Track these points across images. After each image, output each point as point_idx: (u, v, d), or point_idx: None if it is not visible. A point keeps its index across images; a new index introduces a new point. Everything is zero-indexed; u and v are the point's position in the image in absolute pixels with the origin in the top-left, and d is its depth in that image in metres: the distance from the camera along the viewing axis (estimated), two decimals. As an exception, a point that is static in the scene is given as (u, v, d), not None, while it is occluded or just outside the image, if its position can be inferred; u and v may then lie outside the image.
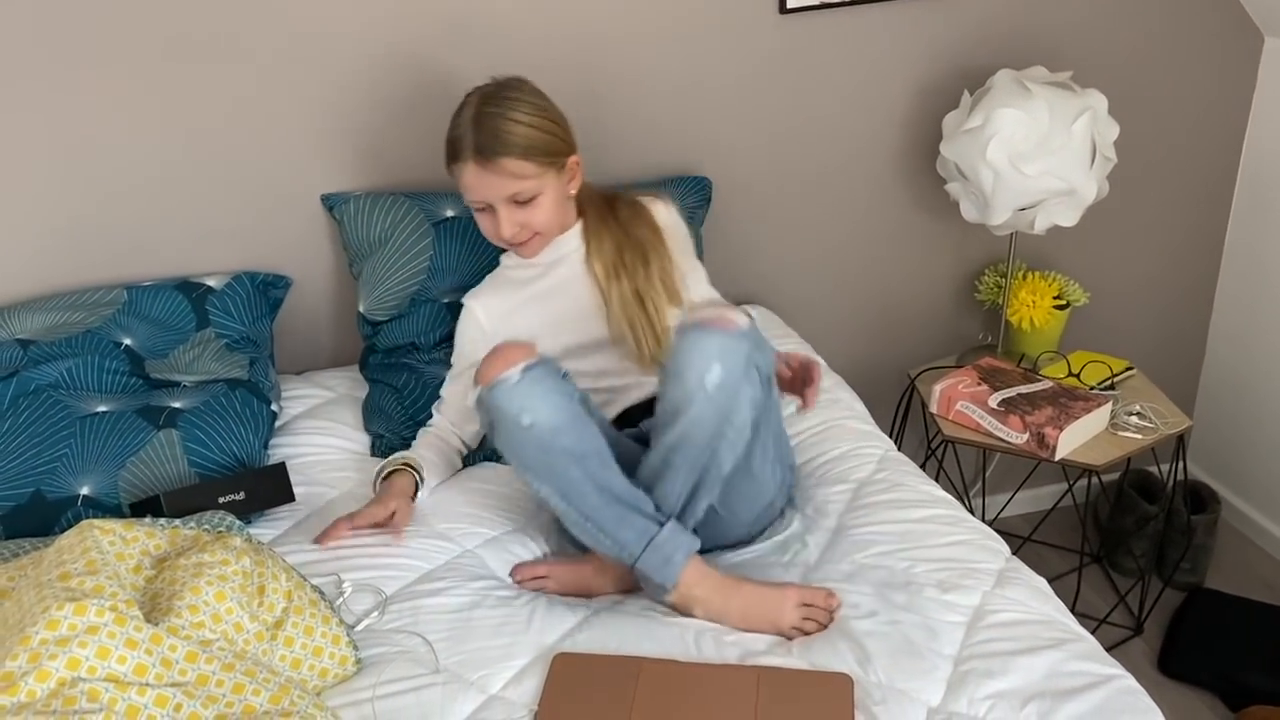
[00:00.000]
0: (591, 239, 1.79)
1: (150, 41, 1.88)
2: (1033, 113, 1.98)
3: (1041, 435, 2.04)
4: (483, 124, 1.66)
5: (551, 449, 1.47)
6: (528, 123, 1.67)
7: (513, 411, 1.46)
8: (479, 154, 1.66)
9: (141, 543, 1.36)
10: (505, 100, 1.68)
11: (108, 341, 1.87)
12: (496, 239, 1.76)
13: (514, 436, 1.47)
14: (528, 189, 1.69)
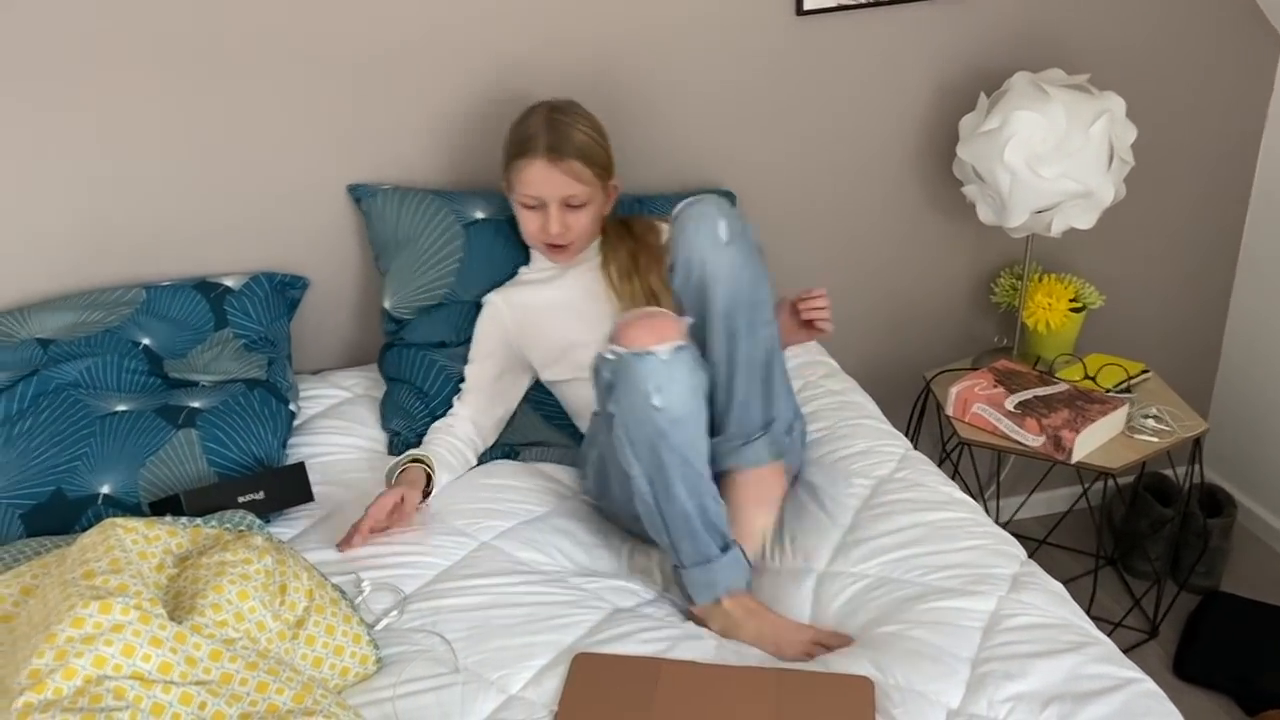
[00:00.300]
0: (608, 249, 1.91)
1: (170, 40, 1.89)
2: (1050, 115, 1.98)
3: (1058, 438, 2.04)
4: (555, 127, 1.80)
5: (666, 436, 1.46)
6: (591, 135, 1.83)
7: (648, 387, 1.44)
8: (551, 151, 1.78)
9: (164, 541, 1.37)
10: (572, 112, 1.84)
11: (127, 341, 1.88)
12: (539, 235, 1.85)
13: (636, 410, 1.46)
14: (581, 194, 1.81)
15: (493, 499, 1.74)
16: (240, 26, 1.91)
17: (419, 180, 2.08)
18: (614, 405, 1.49)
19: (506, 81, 2.05)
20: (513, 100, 2.05)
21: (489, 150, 2.08)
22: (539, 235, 1.85)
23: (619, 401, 1.47)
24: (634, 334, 1.47)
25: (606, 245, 1.91)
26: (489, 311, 1.93)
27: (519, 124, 1.85)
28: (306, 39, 1.94)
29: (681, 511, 1.49)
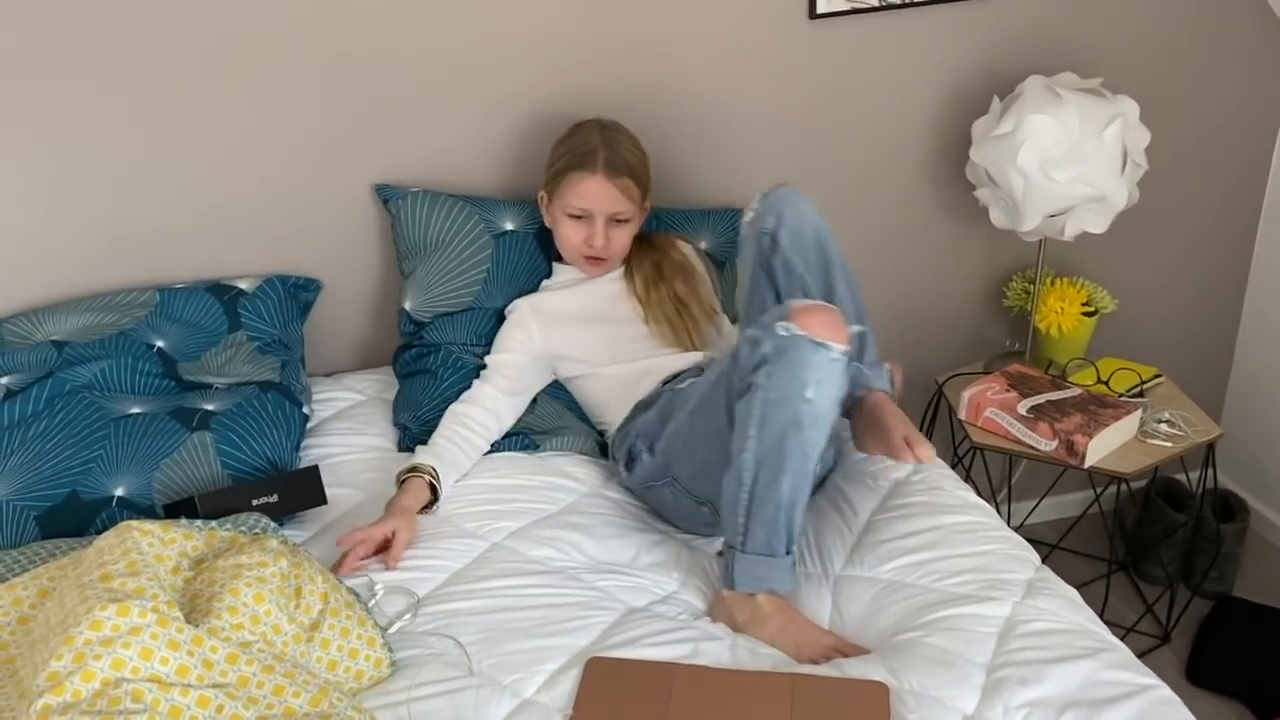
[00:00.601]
0: (631, 260, 1.99)
1: (186, 41, 1.89)
2: (1063, 119, 1.98)
3: (1071, 443, 2.04)
4: (612, 144, 1.88)
5: (802, 430, 1.46)
6: (639, 157, 1.92)
7: (808, 378, 1.44)
8: (609, 167, 1.85)
9: (180, 544, 1.37)
10: (622, 131, 1.93)
11: (140, 343, 1.88)
12: (581, 247, 1.91)
13: (787, 395, 1.44)
14: (627, 211, 1.90)
15: (504, 499, 1.74)
16: (259, 28, 1.91)
17: (437, 182, 2.08)
18: (762, 379, 1.46)
19: (520, 91, 2.05)
20: (523, 108, 2.06)
21: (509, 159, 2.09)
22: (581, 247, 1.91)
23: (771, 378, 1.45)
24: (812, 321, 1.45)
25: (630, 259, 1.99)
26: (515, 317, 1.96)
27: (572, 138, 1.91)
28: (324, 41, 1.95)
29: (776, 502, 1.49)
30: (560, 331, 1.95)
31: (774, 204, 1.74)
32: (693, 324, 1.93)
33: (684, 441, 1.66)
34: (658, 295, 1.94)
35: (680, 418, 1.68)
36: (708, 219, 2.14)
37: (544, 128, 2.08)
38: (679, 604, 1.58)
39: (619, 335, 1.94)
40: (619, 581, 1.60)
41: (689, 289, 1.96)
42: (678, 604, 1.58)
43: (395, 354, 2.04)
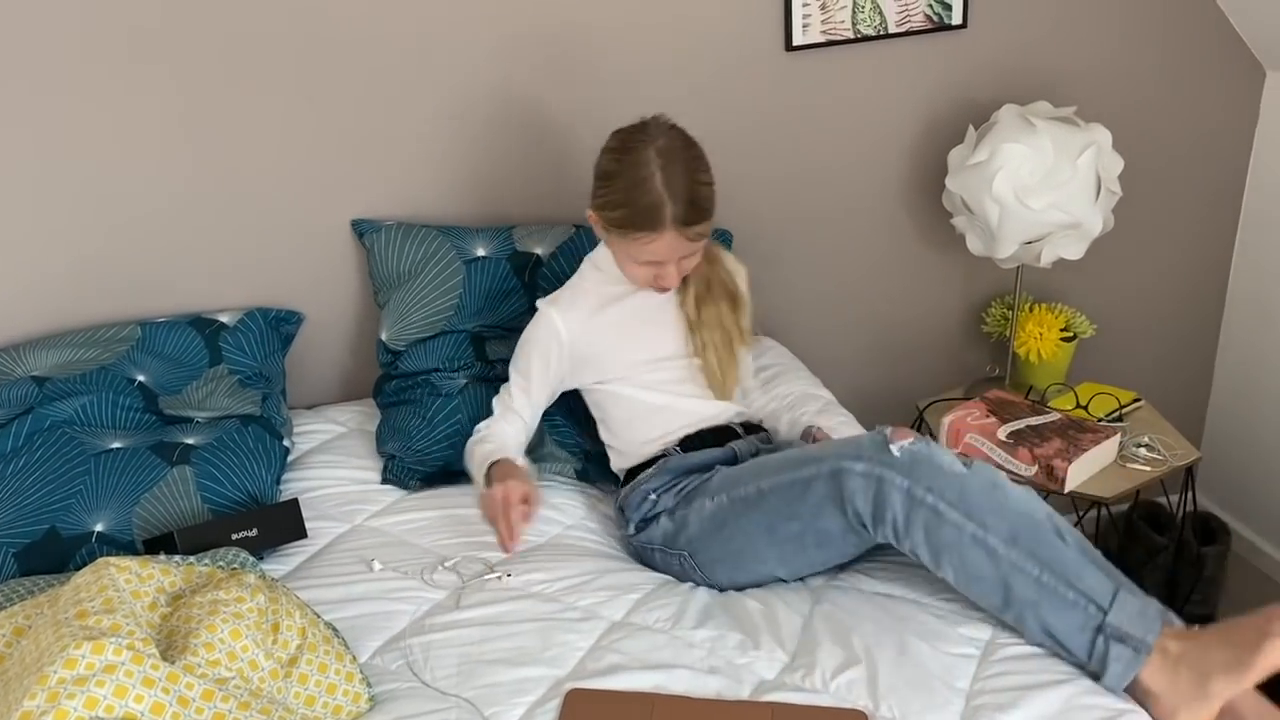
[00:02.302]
0: (688, 279, 1.82)
1: (165, 75, 1.91)
2: (1037, 148, 2.00)
3: (1050, 468, 2.04)
4: (683, 191, 1.63)
5: (995, 488, 1.44)
6: (708, 182, 1.68)
7: (947, 460, 1.46)
8: (684, 224, 1.64)
9: (157, 580, 1.37)
10: (693, 160, 1.67)
11: (121, 378, 1.88)
12: (653, 287, 1.75)
13: (951, 484, 1.43)
14: (700, 248, 1.73)
15: (485, 531, 1.74)
16: (242, 64, 1.93)
17: (415, 216, 2.10)
18: (926, 495, 1.43)
19: (510, 118, 2.07)
20: (515, 136, 2.08)
21: (490, 187, 2.10)
22: (649, 285, 1.75)
23: (932, 489, 1.43)
24: (903, 432, 1.50)
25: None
26: (546, 330, 1.80)
27: (628, 176, 1.64)
28: (304, 77, 1.96)
29: (1063, 548, 1.40)
30: (592, 348, 1.80)
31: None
32: (730, 363, 1.82)
33: (723, 527, 1.62)
34: (708, 315, 1.81)
35: (725, 501, 1.63)
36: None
37: (523, 158, 2.10)
38: (657, 609, 1.57)
39: (655, 352, 1.82)
40: (597, 598, 1.59)
41: (734, 316, 1.84)
42: (655, 610, 1.57)
43: (376, 385, 2.05)
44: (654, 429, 1.81)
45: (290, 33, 1.93)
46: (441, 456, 1.88)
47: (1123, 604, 1.39)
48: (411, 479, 1.87)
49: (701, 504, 1.66)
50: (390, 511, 1.81)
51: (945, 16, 2.17)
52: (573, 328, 1.79)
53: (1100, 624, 1.38)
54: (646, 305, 1.82)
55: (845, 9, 2.11)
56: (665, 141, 1.66)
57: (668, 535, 1.70)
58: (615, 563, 1.71)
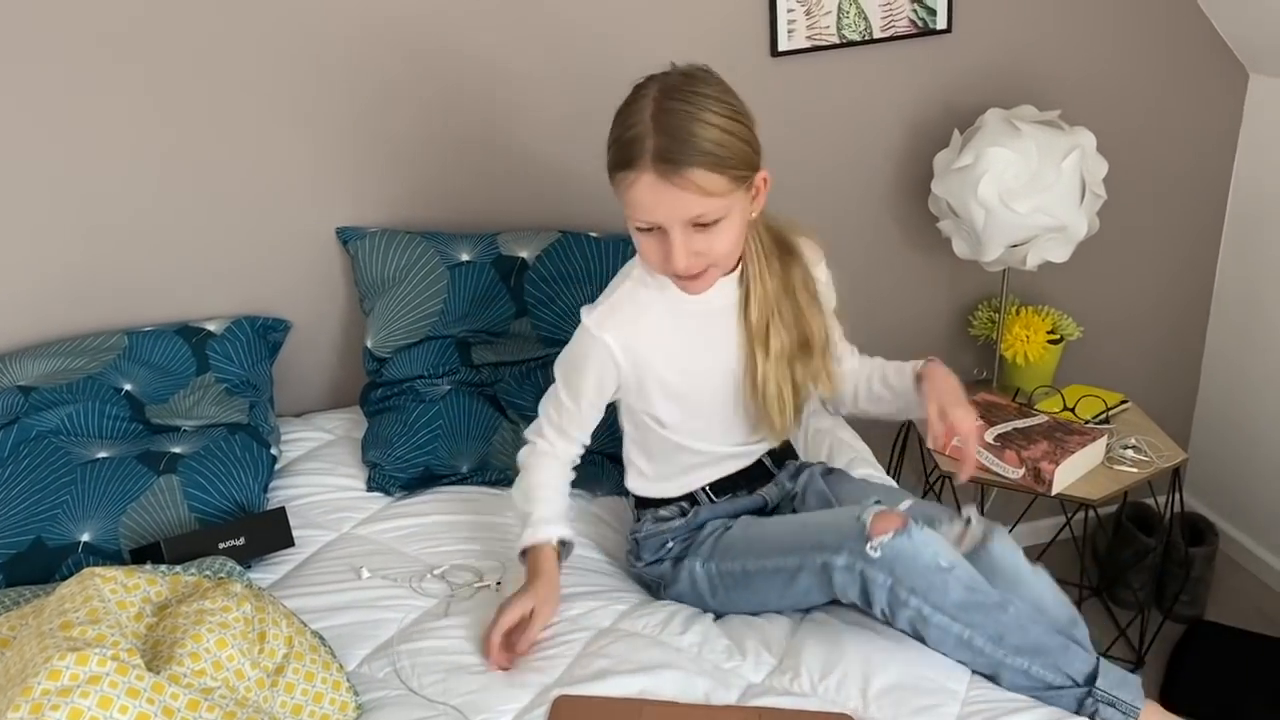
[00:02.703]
0: (751, 279, 1.52)
1: (150, 83, 1.91)
2: (1022, 151, 2.01)
3: (1038, 470, 2.05)
4: (667, 123, 1.32)
5: (976, 589, 1.41)
6: (722, 125, 1.34)
7: (929, 557, 1.39)
8: (661, 161, 1.32)
9: (143, 590, 1.37)
10: (695, 96, 1.35)
11: (108, 387, 1.88)
12: (665, 268, 1.44)
13: (933, 586, 1.39)
14: (713, 210, 1.36)
15: (478, 538, 1.74)
16: (222, 71, 1.93)
17: (403, 223, 2.10)
18: (909, 596, 1.40)
19: (494, 123, 2.07)
20: (499, 142, 2.08)
21: (476, 193, 2.10)
22: (663, 267, 1.44)
23: (915, 588, 1.39)
24: (884, 524, 1.41)
25: (749, 277, 1.52)
26: (599, 354, 1.54)
27: (623, 115, 1.39)
28: (289, 83, 1.96)
29: (1042, 633, 1.41)
30: (648, 371, 1.55)
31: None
32: (793, 397, 1.57)
33: (713, 595, 1.58)
34: (770, 352, 1.52)
35: (714, 571, 1.57)
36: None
37: (508, 165, 2.10)
38: (646, 617, 1.57)
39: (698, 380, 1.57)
40: (584, 607, 1.59)
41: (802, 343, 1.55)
42: (644, 617, 1.57)
43: (362, 393, 2.05)
44: (689, 474, 1.65)
45: (274, 41, 1.93)
46: (421, 463, 1.88)
47: (1106, 672, 1.42)
48: (393, 486, 1.86)
49: (692, 565, 1.59)
50: (378, 519, 1.81)
51: (930, 21, 2.18)
52: (628, 349, 1.53)
53: (1088, 693, 1.41)
54: (704, 315, 1.53)
55: (830, 14, 2.12)
56: (677, 78, 1.38)
57: (664, 576, 1.65)
58: (607, 579, 1.69)
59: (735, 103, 1.39)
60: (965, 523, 1.54)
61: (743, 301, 1.53)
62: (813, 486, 1.71)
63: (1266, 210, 2.43)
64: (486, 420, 1.96)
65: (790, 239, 1.59)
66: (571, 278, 2.02)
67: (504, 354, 2.02)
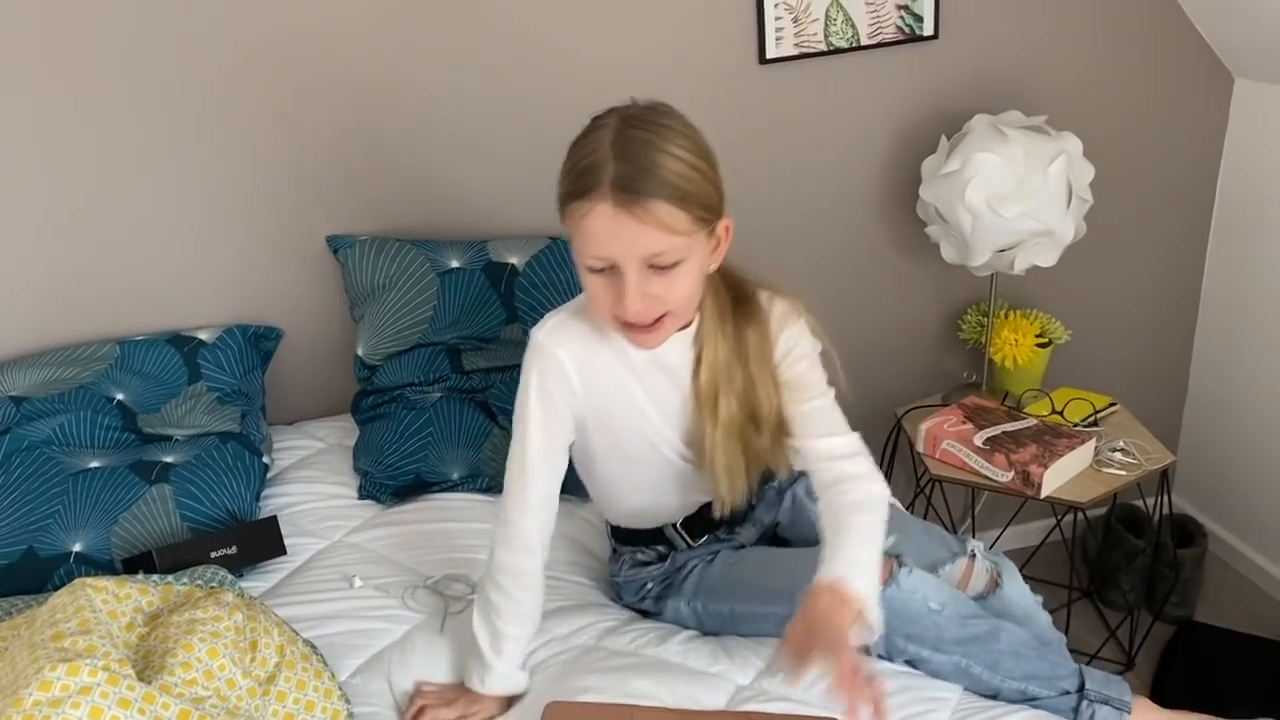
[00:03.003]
0: (705, 345, 1.38)
1: (142, 91, 1.91)
2: (1009, 156, 2.02)
3: (1026, 473, 2.06)
4: (629, 151, 1.21)
5: (969, 619, 1.42)
6: (686, 160, 1.24)
7: (918, 600, 1.40)
8: (621, 190, 1.20)
9: (135, 600, 1.37)
10: (658, 126, 1.25)
11: (100, 396, 1.88)
12: (613, 315, 1.28)
13: (928, 624, 1.40)
14: (673, 249, 1.24)
15: (471, 547, 1.74)
16: (212, 80, 1.93)
17: (392, 230, 2.11)
18: (907, 643, 1.41)
19: (484, 132, 2.08)
20: (488, 149, 2.09)
21: (465, 200, 2.11)
22: (611, 313, 1.29)
23: (909, 634, 1.41)
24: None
25: (703, 332, 1.38)
26: (553, 373, 1.38)
27: (579, 145, 1.27)
28: (282, 94, 1.97)
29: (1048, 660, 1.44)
30: (603, 397, 1.41)
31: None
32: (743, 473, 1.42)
33: (700, 628, 1.56)
34: (726, 403, 1.37)
35: (700, 609, 1.55)
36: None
37: (498, 172, 2.11)
38: (628, 634, 1.57)
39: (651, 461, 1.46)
40: (570, 625, 1.59)
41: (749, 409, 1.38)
42: (626, 634, 1.57)
43: (354, 400, 2.05)
44: (645, 516, 1.56)
45: (263, 52, 1.94)
46: (412, 470, 1.88)
47: (1092, 675, 1.45)
48: (384, 494, 1.87)
49: (676, 605, 1.57)
50: (369, 526, 1.82)
51: (917, 28, 2.19)
52: (579, 363, 1.38)
53: (1081, 696, 1.43)
54: (643, 363, 1.39)
55: (817, 22, 2.13)
56: (638, 109, 1.28)
57: (648, 611, 1.63)
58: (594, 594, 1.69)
59: (700, 140, 1.29)
60: (970, 556, 1.53)
61: (694, 363, 1.38)
62: (800, 515, 1.63)
63: (1253, 213, 2.45)
64: (477, 427, 1.96)
65: (753, 300, 1.42)
66: (561, 283, 2.03)
67: (495, 359, 2.03)
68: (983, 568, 1.53)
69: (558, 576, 1.68)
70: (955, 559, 1.53)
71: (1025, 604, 1.53)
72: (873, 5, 2.14)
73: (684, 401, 1.41)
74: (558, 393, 1.38)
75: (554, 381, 1.38)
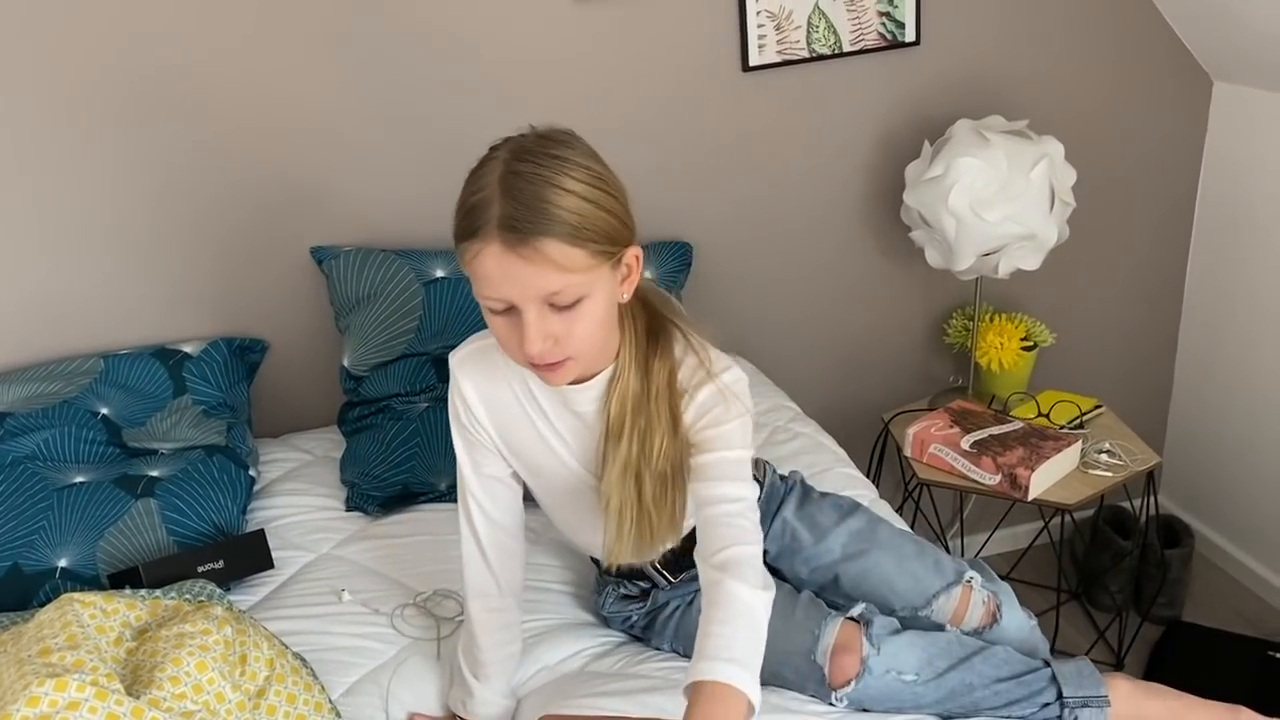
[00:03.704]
0: (618, 379, 1.30)
1: (120, 103, 1.91)
2: (992, 161, 2.03)
3: (1014, 476, 2.07)
4: (515, 189, 1.15)
5: (945, 673, 1.41)
6: (580, 193, 1.16)
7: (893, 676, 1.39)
8: (508, 230, 1.14)
9: (123, 614, 1.36)
10: (549, 159, 1.17)
11: (85, 411, 1.87)
12: (518, 356, 1.23)
13: (908, 698, 1.40)
14: (571, 287, 1.17)
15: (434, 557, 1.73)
16: (199, 94, 1.93)
17: (379, 240, 2.10)
18: (886, 714, 1.41)
19: (466, 140, 2.08)
20: (471, 158, 2.09)
21: (449, 209, 2.10)
22: (515, 353, 1.23)
23: (889, 708, 1.40)
24: (842, 673, 1.40)
25: (617, 378, 1.30)
26: (456, 395, 1.38)
27: (470, 180, 1.21)
28: (262, 106, 1.96)
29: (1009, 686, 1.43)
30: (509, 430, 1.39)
31: None
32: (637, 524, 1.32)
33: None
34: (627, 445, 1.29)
35: (681, 653, 1.53)
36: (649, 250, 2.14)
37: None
38: (611, 658, 1.56)
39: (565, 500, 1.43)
40: (556, 655, 1.56)
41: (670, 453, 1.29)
42: (610, 659, 1.55)
43: (340, 412, 2.05)
44: (598, 551, 1.50)
45: (244, 62, 1.93)
46: (399, 481, 1.88)
47: (1064, 675, 1.44)
48: (371, 505, 1.86)
49: (659, 644, 1.55)
50: (357, 539, 1.81)
51: (899, 34, 2.20)
52: (482, 392, 1.36)
53: (1061, 705, 1.43)
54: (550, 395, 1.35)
55: (800, 29, 2.14)
56: (531, 140, 1.20)
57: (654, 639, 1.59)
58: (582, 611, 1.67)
59: (599, 169, 1.21)
60: (966, 584, 1.51)
61: (607, 394, 1.31)
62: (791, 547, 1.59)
63: (1233, 214, 2.47)
64: (465, 437, 1.96)
65: (665, 336, 1.31)
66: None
67: (482, 370, 2.02)
68: (980, 598, 1.51)
69: (545, 588, 1.67)
70: (950, 589, 1.50)
71: (1023, 638, 1.52)
72: (854, 11, 2.15)
73: (596, 440, 1.35)
74: (467, 419, 1.38)
75: (462, 409, 1.38)
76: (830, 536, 1.56)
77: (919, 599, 1.50)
